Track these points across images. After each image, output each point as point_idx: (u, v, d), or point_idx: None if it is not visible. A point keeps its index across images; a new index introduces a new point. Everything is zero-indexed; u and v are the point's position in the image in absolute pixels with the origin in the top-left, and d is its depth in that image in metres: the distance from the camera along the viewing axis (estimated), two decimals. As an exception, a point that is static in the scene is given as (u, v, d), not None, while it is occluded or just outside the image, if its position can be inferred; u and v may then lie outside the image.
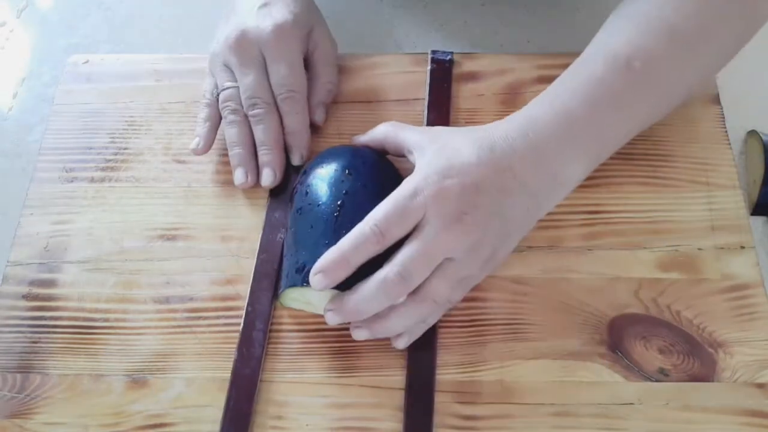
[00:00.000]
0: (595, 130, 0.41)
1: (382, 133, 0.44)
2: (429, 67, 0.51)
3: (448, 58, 0.52)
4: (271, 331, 0.43)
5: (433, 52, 0.52)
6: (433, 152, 0.40)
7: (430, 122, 0.49)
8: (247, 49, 0.46)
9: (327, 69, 0.49)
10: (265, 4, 0.47)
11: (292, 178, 0.47)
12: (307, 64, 0.49)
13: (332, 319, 0.38)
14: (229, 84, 0.47)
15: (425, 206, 0.37)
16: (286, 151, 0.47)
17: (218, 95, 0.47)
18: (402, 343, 0.40)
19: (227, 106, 0.46)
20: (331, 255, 0.37)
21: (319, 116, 0.49)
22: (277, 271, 0.44)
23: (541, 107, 0.41)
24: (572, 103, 0.41)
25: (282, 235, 0.45)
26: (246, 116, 0.46)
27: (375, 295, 0.37)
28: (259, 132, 0.46)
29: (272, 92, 0.46)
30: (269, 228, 0.46)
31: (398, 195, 0.38)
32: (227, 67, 0.47)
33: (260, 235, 0.45)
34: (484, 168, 0.38)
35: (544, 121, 0.40)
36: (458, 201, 0.37)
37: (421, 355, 0.41)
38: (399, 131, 0.43)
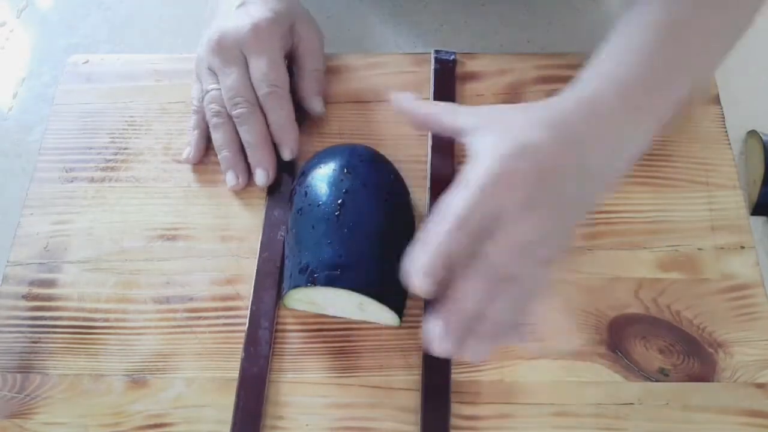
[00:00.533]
0: (656, 96, 0.39)
1: (428, 112, 0.42)
2: (433, 68, 0.51)
3: (452, 58, 0.52)
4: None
5: (437, 51, 0.52)
6: (496, 134, 0.37)
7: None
8: (227, 49, 0.46)
9: (312, 58, 0.49)
10: (242, 4, 0.47)
11: (284, 175, 0.47)
12: (293, 57, 0.49)
13: (437, 333, 0.34)
14: (212, 86, 0.47)
15: (501, 193, 0.35)
16: (276, 147, 0.47)
17: (203, 99, 0.47)
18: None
19: (211, 108, 0.46)
20: (425, 255, 0.35)
21: (316, 105, 0.49)
22: (280, 269, 0.44)
23: (599, 81, 0.39)
24: (633, 73, 0.39)
25: (282, 233, 0.45)
26: (230, 117, 0.46)
27: (474, 284, 0.34)
28: (244, 132, 0.46)
29: (255, 91, 0.46)
30: (269, 226, 0.46)
31: (474, 183, 0.35)
32: (211, 70, 0.47)
33: (260, 234, 0.45)
34: (557, 148, 0.36)
35: (608, 97, 0.38)
36: (536, 185, 0.35)
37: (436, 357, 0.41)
38: (450, 113, 0.40)
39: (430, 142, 0.48)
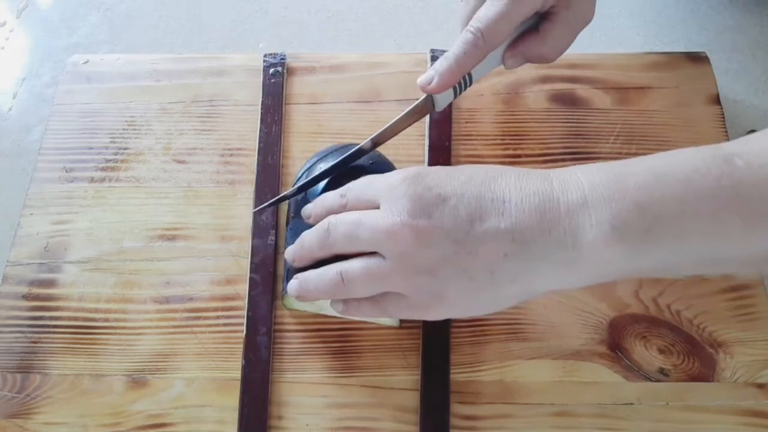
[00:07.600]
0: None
1: None
2: (429, 66, 0.51)
3: None
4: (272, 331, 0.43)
5: (432, 51, 0.52)
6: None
7: (433, 121, 0.49)
8: None
9: (557, 33, 0.43)
10: None
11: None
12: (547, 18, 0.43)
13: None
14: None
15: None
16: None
17: None
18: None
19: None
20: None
21: (508, 64, 0.44)
22: (272, 273, 0.44)
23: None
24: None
25: (273, 238, 0.45)
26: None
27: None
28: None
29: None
30: (258, 231, 0.45)
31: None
32: None
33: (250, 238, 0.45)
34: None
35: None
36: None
37: (436, 356, 0.41)
38: None
39: (427, 142, 0.48)
